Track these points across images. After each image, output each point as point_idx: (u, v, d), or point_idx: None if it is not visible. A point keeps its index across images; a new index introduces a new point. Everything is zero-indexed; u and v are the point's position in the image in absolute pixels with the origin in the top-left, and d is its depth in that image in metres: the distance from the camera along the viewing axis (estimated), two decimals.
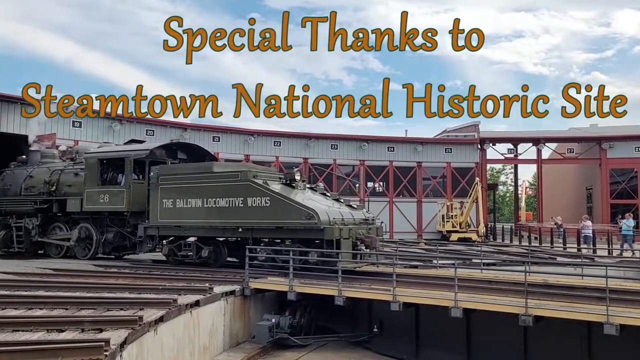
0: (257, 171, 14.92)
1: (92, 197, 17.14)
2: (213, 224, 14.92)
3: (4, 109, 23.62)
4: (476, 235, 32.34)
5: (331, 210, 13.93)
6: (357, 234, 13.85)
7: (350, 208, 15.15)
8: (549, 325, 10.09)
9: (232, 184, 14.60)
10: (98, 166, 17.29)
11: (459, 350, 11.42)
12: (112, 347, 7.08)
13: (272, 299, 13.17)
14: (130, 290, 11.60)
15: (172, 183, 15.54)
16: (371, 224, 14.90)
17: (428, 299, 11.08)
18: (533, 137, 38.77)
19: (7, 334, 7.79)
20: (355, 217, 14.49)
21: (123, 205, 16.54)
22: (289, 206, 13.67)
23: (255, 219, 14.18)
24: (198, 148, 18.74)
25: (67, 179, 18.31)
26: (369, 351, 12.34)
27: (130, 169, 16.73)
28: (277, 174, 15.83)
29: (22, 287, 11.77)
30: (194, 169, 15.89)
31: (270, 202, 13.92)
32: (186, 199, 15.18)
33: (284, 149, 33.61)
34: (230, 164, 17.07)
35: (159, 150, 17.41)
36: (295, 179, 14.80)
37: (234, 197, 14.45)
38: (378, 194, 36.31)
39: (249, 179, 14.30)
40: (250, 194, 14.18)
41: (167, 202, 15.44)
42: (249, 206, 14.20)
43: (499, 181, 70.38)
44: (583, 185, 43.52)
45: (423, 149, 36.02)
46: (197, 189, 15.09)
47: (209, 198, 14.82)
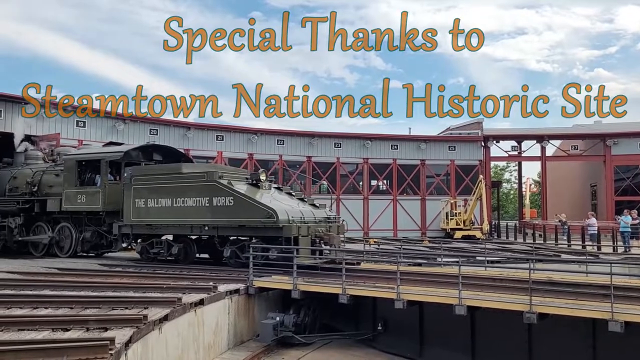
0: (223, 172, 15.54)
1: (70, 197, 17.84)
2: (181, 222, 15.56)
3: (8, 108, 23.68)
4: (480, 232, 32.30)
5: (291, 209, 14.59)
6: (317, 231, 14.55)
7: (313, 207, 15.80)
8: (554, 323, 10.07)
9: (199, 184, 15.25)
10: (76, 167, 17.97)
11: (464, 348, 11.41)
12: (117, 346, 7.10)
13: (276, 298, 13.19)
14: (134, 289, 11.64)
15: (144, 183, 16.20)
16: (332, 223, 15.48)
17: (432, 296, 11.08)
18: (537, 134, 38.66)
19: (12, 333, 7.83)
20: (317, 216, 15.19)
21: (99, 205, 17.30)
22: (251, 205, 14.36)
23: (220, 217, 14.81)
24: (173, 150, 19.55)
25: (48, 180, 18.94)
26: (373, 349, 12.34)
27: (105, 170, 17.49)
28: (244, 174, 16.45)
29: (27, 286, 11.83)
30: (164, 170, 16.63)
31: (234, 202, 14.57)
32: (157, 198, 15.85)
33: (288, 147, 33.62)
34: (199, 165, 17.73)
35: (134, 152, 18.10)
36: (260, 180, 15.51)
37: (200, 196, 15.10)
38: (382, 192, 36.29)
39: (214, 180, 14.91)
40: (216, 193, 14.82)
41: (140, 201, 16.12)
42: (214, 205, 14.86)
43: (502, 179, 70.24)
44: (587, 182, 43.38)
45: (427, 146, 35.98)
46: (167, 189, 15.77)
47: (178, 198, 15.49)
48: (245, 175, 16.14)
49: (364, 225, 34.37)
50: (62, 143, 23.71)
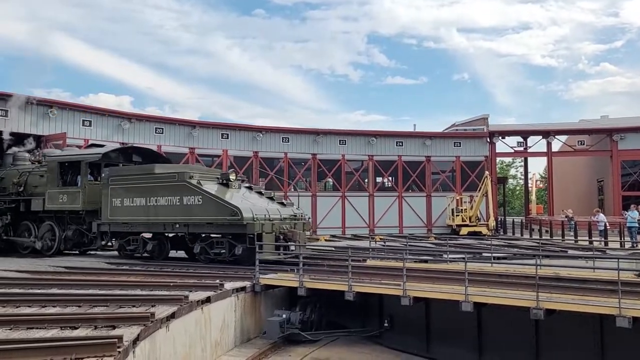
0: (194, 172, 16.22)
1: (52, 197, 18.54)
2: (155, 220, 16.34)
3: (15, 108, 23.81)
4: (486, 229, 32.22)
5: (257, 207, 15.30)
6: (281, 228, 15.25)
7: (281, 205, 16.49)
8: (561, 319, 10.05)
9: (171, 184, 16.05)
10: (58, 169, 18.66)
11: (470, 344, 11.41)
12: (125, 344, 7.14)
13: (283, 295, 13.23)
14: (141, 287, 11.69)
15: (120, 184, 17.02)
16: (298, 220, 16.18)
17: (438, 293, 11.07)
18: (543, 129, 38.51)
19: (21, 331, 7.89)
20: (282, 214, 15.92)
21: (79, 205, 18.03)
22: (217, 204, 15.11)
23: (190, 215, 15.60)
24: (152, 152, 20.51)
25: (33, 180, 19.57)
26: (379, 346, 12.35)
27: (85, 171, 18.24)
28: (215, 174, 16.96)
29: (35, 285, 11.92)
30: (139, 171, 17.36)
31: (202, 201, 15.34)
32: (132, 197, 16.67)
33: (293, 145, 33.63)
34: (171, 166, 18.25)
35: (113, 153, 19.00)
36: (230, 179, 16.13)
37: (172, 196, 15.91)
38: (387, 188, 36.27)
39: (184, 180, 15.69)
40: (186, 193, 15.62)
41: (116, 200, 16.94)
42: (184, 204, 15.64)
43: (508, 174, 70.00)
44: (594, 178, 43.17)
45: (432, 143, 35.90)
46: (141, 189, 16.58)
47: (151, 197, 16.30)
48: (216, 175, 16.73)
49: (370, 222, 34.36)
50: (69, 142, 23.82)
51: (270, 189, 32.42)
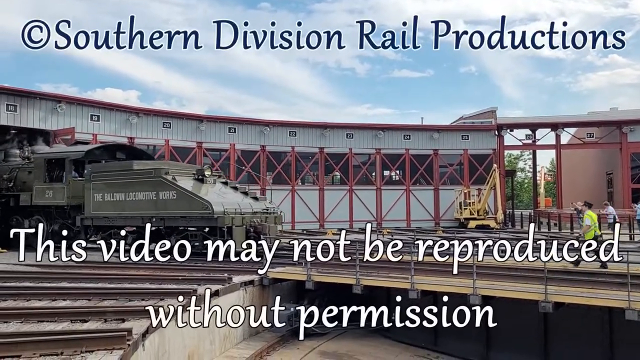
0: (170, 168, 17.10)
1: (39, 192, 19.33)
2: (133, 214, 17.10)
3: (23, 104, 23.95)
4: (494, 222, 32.12)
5: (228, 201, 16.08)
6: (252, 221, 15.97)
7: (254, 200, 17.35)
8: (570, 312, 10.02)
9: (148, 180, 16.86)
10: (44, 165, 19.46)
11: (478, 337, 11.40)
12: (135, 337, 7.20)
13: (291, 288, 13.26)
14: (150, 281, 11.78)
15: (101, 179, 17.83)
16: (269, 214, 16.96)
17: (446, 286, 11.06)
18: (551, 122, 38.23)
19: (32, 324, 7.98)
20: (254, 208, 16.68)
21: (64, 200, 18.77)
22: (190, 199, 15.94)
23: (165, 210, 16.40)
24: (136, 149, 21.27)
25: (22, 176, 20.31)
26: (387, 339, 12.37)
27: (69, 168, 18.97)
28: (191, 170, 17.75)
29: (45, 278, 12.03)
30: (119, 167, 18.13)
31: (177, 196, 16.18)
32: (112, 193, 17.47)
33: (300, 138, 33.60)
34: (148, 162, 18.80)
35: (97, 151, 19.77)
36: (205, 175, 16.89)
37: (148, 191, 16.72)
38: (395, 182, 36.20)
39: (160, 176, 16.51)
40: (161, 188, 16.44)
41: (98, 196, 17.75)
42: (160, 199, 16.47)
43: (517, 167, 69.64)
44: (603, 170, 42.85)
45: (439, 136, 35.76)
46: (121, 185, 17.39)
47: (130, 192, 17.11)
48: (193, 171, 17.48)
49: (377, 216, 34.33)
50: (77, 137, 23.92)
51: (279, 182, 32.83)
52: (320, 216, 33.39)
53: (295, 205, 32.77)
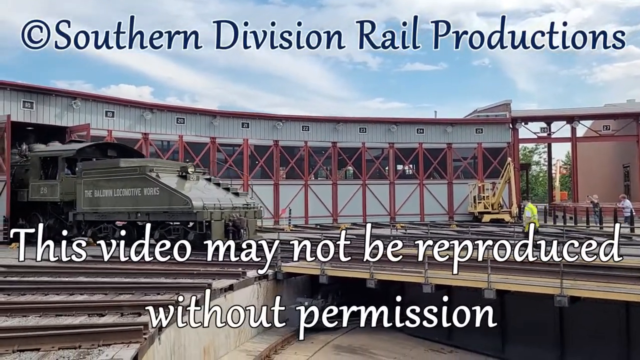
0: (154, 166, 17.85)
1: (35, 189, 20.14)
2: (120, 210, 17.99)
3: (39, 100, 24.21)
4: (509, 216, 31.90)
5: (208, 197, 16.76)
6: (230, 216, 16.56)
7: (235, 196, 17.96)
8: (586, 306, 9.94)
9: (133, 177, 17.67)
10: (39, 163, 20.26)
11: (493, 332, 11.34)
12: (151, 331, 7.28)
13: (304, 283, 13.30)
14: (166, 275, 11.89)
15: (91, 177, 18.70)
16: (249, 209, 17.60)
17: (461, 280, 11.02)
18: (567, 114, 37.80)
19: (50, 318, 8.10)
20: (234, 203, 17.29)
21: (57, 196, 19.53)
22: (172, 194, 16.68)
23: (149, 205, 17.18)
24: (127, 147, 21.82)
25: (19, 174, 20.97)
26: (401, 333, 12.37)
27: (62, 165, 19.70)
28: (176, 167, 18.46)
29: (63, 273, 12.20)
30: (107, 165, 18.89)
31: (160, 192, 16.92)
32: (101, 189, 18.36)
33: (313, 133, 33.59)
34: (136, 160, 19.30)
35: (89, 149, 20.43)
36: (188, 172, 17.69)
37: (134, 187, 17.54)
38: (408, 176, 36.05)
39: (145, 173, 17.29)
40: (146, 185, 17.22)
41: (88, 192, 18.62)
42: (145, 195, 17.26)
43: (532, 161, 69.01)
44: (620, 163, 42.32)
45: (453, 130, 35.54)
46: (109, 182, 18.27)
47: (117, 189, 17.98)
48: (177, 168, 18.20)
49: (391, 210, 34.26)
50: (92, 134, 24.15)
51: (292, 177, 32.86)
52: (334, 211, 33.39)
53: (309, 200, 32.82)
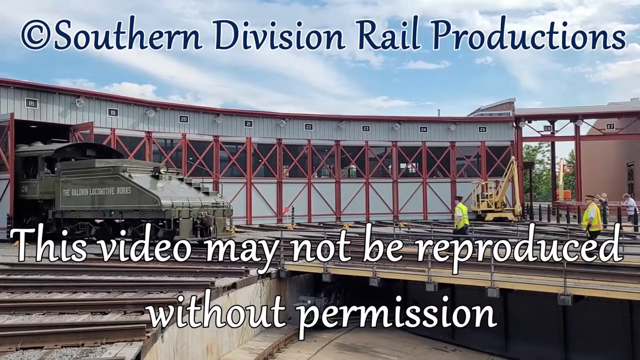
0: (127, 166, 18.49)
1: (17, 188, 20.63)
2: (95, 208, 18.70)
3: (43, 99, 24.25)
4: (512, 214, 31.84)
5: (178, 196, 17.42)
6: (199, 214, 17.24)
7: (205, 195, 18.58)
8: (589, 305, 9.91)
9: (107, 177, 18.42)
10: (21, 162, 20.86)
11: (496, 330, 11.33)
12: (154, 329, 7.28)
13: (308, 281, 13.30)
14: (169, 273, 11.90)
15: (69, 176, 19.38)
16: (218, 207, 18.17)
17: (464, 279, 11.00)
18: (570, 113, 37.67)
19: (54, 316, 8.12)
20: (203, 202, 17.92)
21: (37, 195, 20.19)
22: (142, 193, 17.39)
23: (122, 204, 17.90)
24: (105, 147, 22.54)
25: None
26: (404, 332, 12.36)
27: (42, 165, 20.33)
28: (149, 167, 19.10)
29: (66, 271, 12.22)
30: (83, 165, 19.57)
31: (131, 191, 17.64)
32: (78, 188, 19.07)
33: (316, 131, 33.55)
34: (111, 160, 19.75)
35: (69, 148, 20.97)
36: (160, 172, 18.42)
37: (108, 187, 18.27)
38: (411, 175, 36.03)
39: (118, 173, 18.01)
40: (118, 184, 17.94)
41: (66, 191, 19.33)
42: (118, 194, 17.99)
43: (535, 159, 68.83)
44: (624, 162, 42.19)
45: (456, 128, 35.46)
46: (85, 181, 19.00)
47: (92, 188, 18.70)
48: (150, 169, 18.84)
49: (394, 209, 34.23)
50: (96, 132, 24.17)
51: (295, 175, 32.85)
52: (337, 209, 33.37)
53: (312, 198, 32.81)
